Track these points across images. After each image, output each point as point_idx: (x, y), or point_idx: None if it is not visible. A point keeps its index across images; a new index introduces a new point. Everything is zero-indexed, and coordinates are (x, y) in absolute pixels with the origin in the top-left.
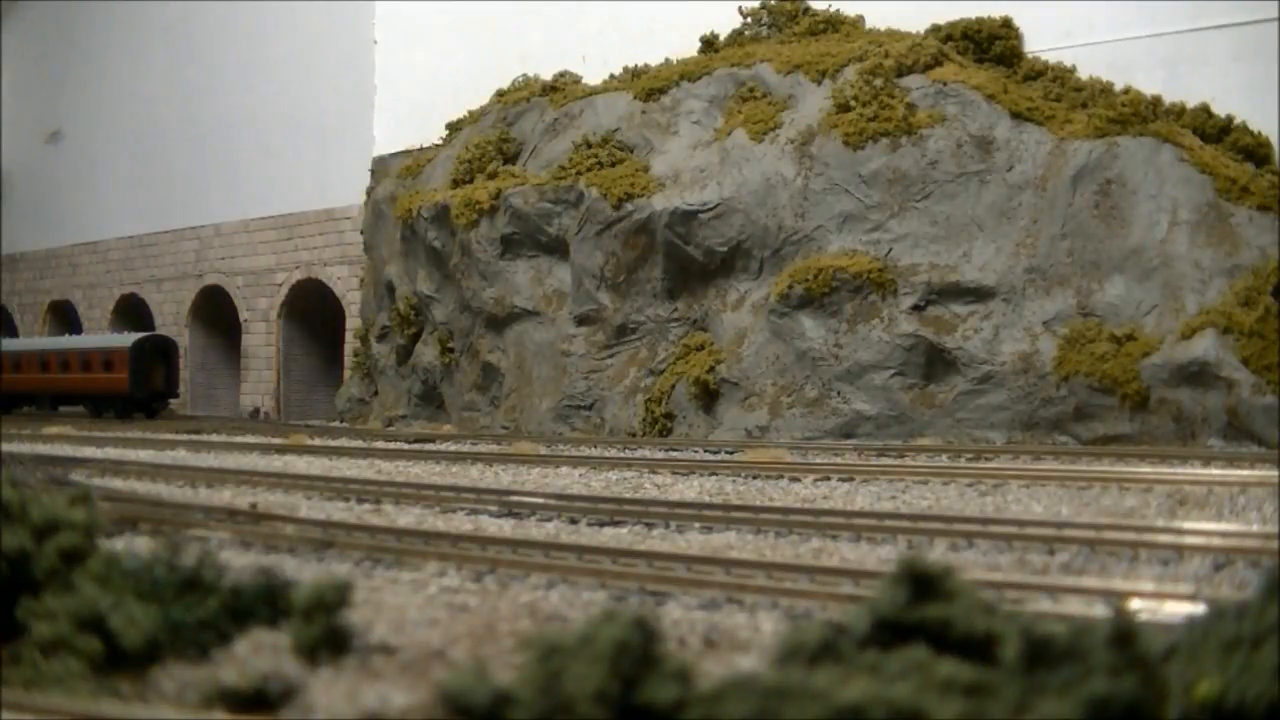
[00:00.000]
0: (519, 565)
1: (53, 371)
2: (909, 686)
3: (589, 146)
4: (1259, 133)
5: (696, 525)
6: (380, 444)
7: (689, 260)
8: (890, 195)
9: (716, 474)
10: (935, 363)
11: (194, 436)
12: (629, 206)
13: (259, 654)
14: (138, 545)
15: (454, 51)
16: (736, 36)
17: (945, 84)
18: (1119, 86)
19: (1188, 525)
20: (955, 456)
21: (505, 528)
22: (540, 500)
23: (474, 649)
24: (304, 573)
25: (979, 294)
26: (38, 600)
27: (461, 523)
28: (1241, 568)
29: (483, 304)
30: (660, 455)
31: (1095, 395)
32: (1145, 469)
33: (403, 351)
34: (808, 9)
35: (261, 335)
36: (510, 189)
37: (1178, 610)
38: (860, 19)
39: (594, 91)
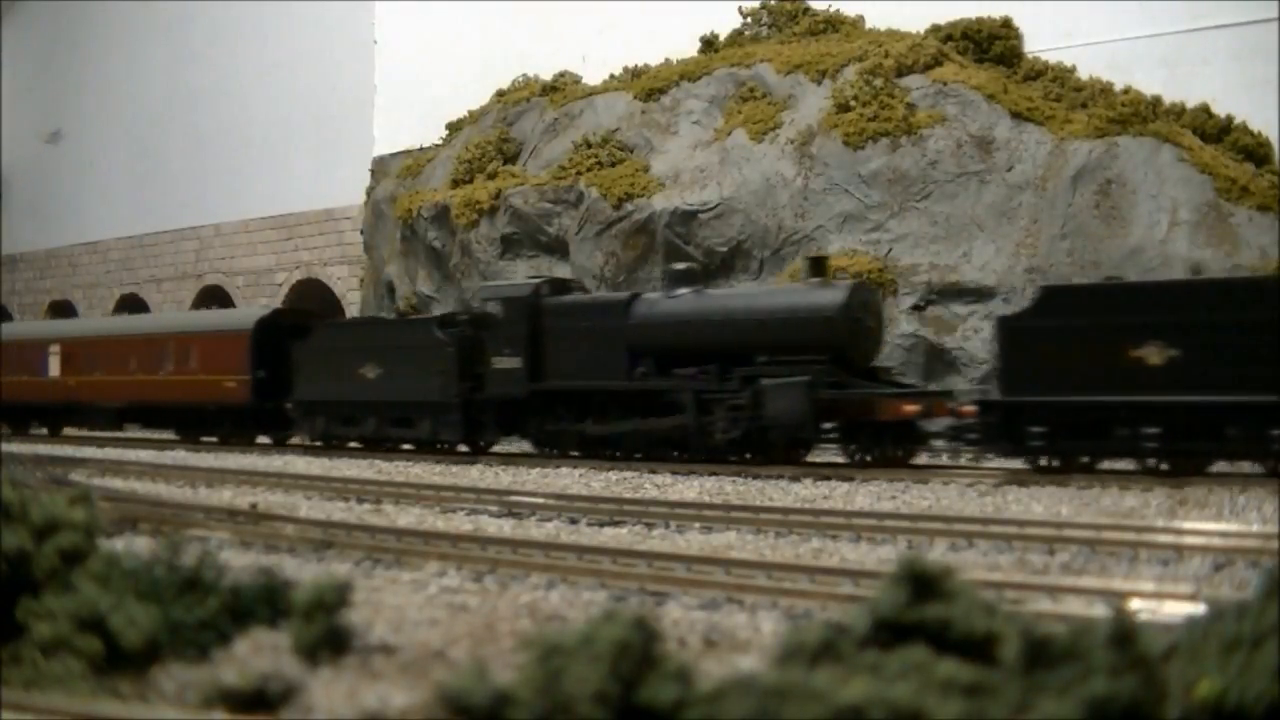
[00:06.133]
0: (519, 565)
1: None
2: (909, 686)
3: (589, 146)
4: (1259, 133)
5: (696, 525)
6: None
7: (689, 260)
8: (890, 195)
9: (716, 474)
10: (935, 362)
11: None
12: (629, 206)
13: (259, 654)
14: (138, 545)
15: (454, 51)
16: (736, 36)
17: (945, 84)
18: (1119, 86)
19: (1188, 525)
20: (955, 456)
21: (505, 528)
22: (540, 500)
23: (474, 649)
24: (304, 573)
25: (979, 294)
26: (38, 600)
27: (461, 523)
28: (1241, 568)
29: None
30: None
31: None
32: None
33: None
34: (808, 9)
35: None
36: (510, 189)
37: (1178, 610)
38: (860, 19)
39: (594, 91)
